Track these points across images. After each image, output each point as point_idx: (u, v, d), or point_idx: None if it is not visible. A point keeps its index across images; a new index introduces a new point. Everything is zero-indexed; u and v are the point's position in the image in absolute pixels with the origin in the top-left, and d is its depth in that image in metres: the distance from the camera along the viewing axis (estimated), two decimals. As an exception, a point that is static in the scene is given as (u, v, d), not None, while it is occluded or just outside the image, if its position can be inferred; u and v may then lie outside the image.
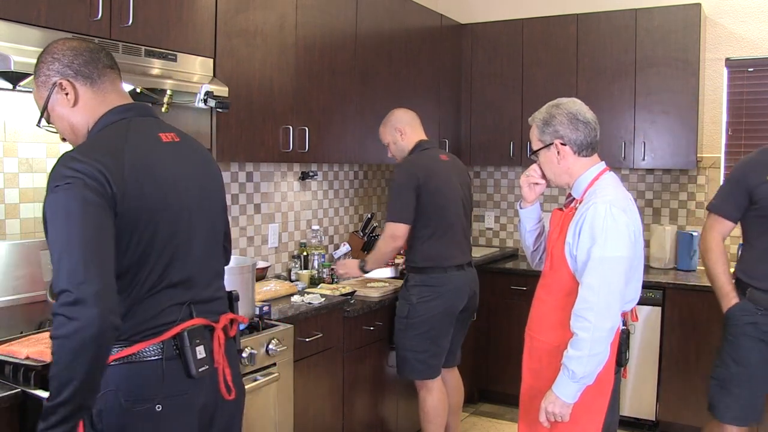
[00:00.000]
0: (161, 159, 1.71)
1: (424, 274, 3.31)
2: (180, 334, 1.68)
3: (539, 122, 2.36)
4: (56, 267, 1.48)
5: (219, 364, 1.78)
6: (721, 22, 4.33)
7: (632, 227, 2.20)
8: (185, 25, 2.67)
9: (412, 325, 3.30)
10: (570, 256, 2.24)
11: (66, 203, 1.50)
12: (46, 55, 1.73)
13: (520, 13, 4.76)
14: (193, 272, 1.75)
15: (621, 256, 2.14)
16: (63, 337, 1.45)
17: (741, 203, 2.87)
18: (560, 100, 2.37)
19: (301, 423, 2.90)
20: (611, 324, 2.13)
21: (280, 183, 3.82)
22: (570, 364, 2.13)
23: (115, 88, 1.76)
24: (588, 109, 2.36)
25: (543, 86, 4.51)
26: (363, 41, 3.76)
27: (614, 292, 2.14)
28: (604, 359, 2.15)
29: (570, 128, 2.30)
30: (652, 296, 3.99)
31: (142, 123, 1.75)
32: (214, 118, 2.84)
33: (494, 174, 5.18)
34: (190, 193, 1.76)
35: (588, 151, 2.34)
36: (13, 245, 2.39)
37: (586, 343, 2.10)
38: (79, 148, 1.64)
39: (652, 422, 4.08)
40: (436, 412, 3.36)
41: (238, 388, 1.86)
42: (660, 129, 4.23)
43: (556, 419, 2.19)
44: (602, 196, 2.22)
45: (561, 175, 2.37)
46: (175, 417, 1.67)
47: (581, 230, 2.18)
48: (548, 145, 2.34)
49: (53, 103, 1.72)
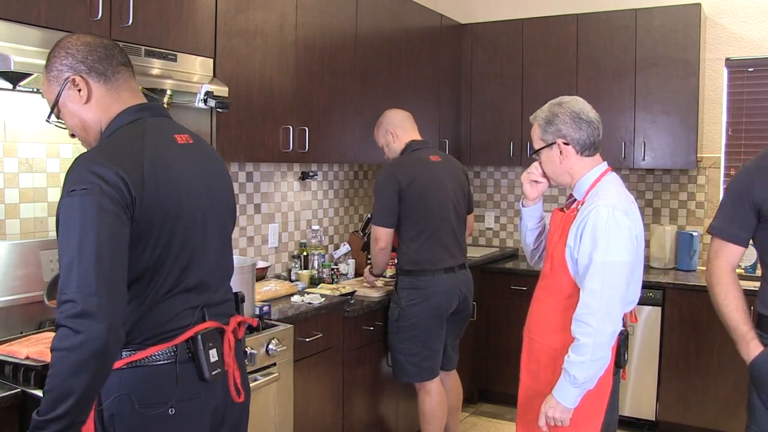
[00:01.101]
0: (177, 161, 1.69)
1: (413, 277, 3.29)
2: (194, 338, 1.66)
3: (541, 121, 2.32)
4: (65, 274, 1.44)
5: (229, 366, 1.76)
6: (721, 22, 4.33)
7: (634, 231, 2.17)
8: (185, 25, 2.67)
9: (403, 329, 3.29)
10: (571, 259, 2.22)
11: (81, 210, 1.46)
12: (59, 50, 1.68)
13: (520, 13, 4.76)
14: (207, 275, 1.73)
15: (623, 260, 2.12)
16: (66, 350, 1.40)
17: (748, 222, 2.31)
18: (563, 99, 2.34)
19: (301, 423, 2.90)
20: (613, 329, 2.11)
21: (280, 183, 3.82)
22: (571, 369, 2.11)
23: (129, 86, 1.73)
24: (591, 108, 2.33)
25: (543, 86, 4.51)
26: (363, 41, 3.76)
27: (616, 297, 2.11)
28: (605, 364, 2.14)
29: (573, 127, 2.27)
30: (652, 296, 3.99)
31: (157, 124, 1.72)
32: (214, 118, 2.84)
33: (494, 174, 5.18)
34: (204, 196, 1.74)
35: (591, 151, 2.31)
36: (13, 245, 2.39)
37: (588, 348, 2.09)
38: (98, 150, 1.61)
39: (652, 422, 4.08)
40: (434, 413, 3.35)
41: (246, 390, 1.85)
42: (660, 129, 4.23)
43: (557, 424, 2.18)
44: (605, 198, 2.18)
45: (562, 175, 2.34)
46: (187, 420, 1.66)
47: (583, 234, 2.16)
48: (550, 144, 2.30)
49: (65, 99, 1.68)
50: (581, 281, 2.17)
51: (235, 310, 1.88)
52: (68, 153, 2.65)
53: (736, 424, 3.81)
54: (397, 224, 3.30)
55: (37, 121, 2.54)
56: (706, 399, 3.90)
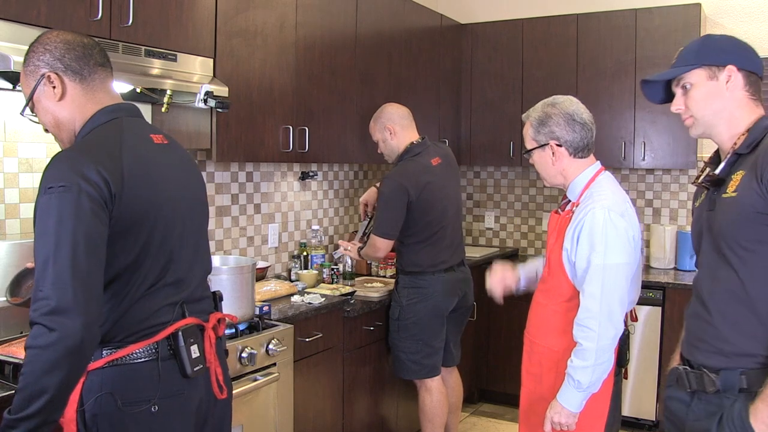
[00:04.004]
0: (155, 160, 1.70)
1: (413, 276, 3.30)
2: (174, 334, 1.67)
3: (534, 121, 2.30)
4: (41, 272, 1.43)
5: (211, 363, 1.77)
6: (721, 22, 4.33)
7: (631, 232, 2.16)
8: (185, 25, 2.67)
9: (404, 327, 3.29)
10: (568, 263, 2.20)
11: (59, 208, 1.46)
12: (37, 45, 1.69)
13: (520, 13, 4.76)
14: (185, 273, 1.74)
15: (622, 263, 2.11)
16: (40, 348, 1.40)
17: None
18: (556, 98, 2.31)
19: (301, 423, 2.90)
20: (615, 332, 2.11)
21: (280, 183, 3.82)
22: (575, 374, 2.11)
23: (104, 86, 1.73)
24: (585, 108, 2.31)
25: (543, 86, 4.50)
26: (363, 41, 3.75)
27: (616, 300, 2.10)
28: (609, 366, 2.14)
29: (566, 129, 2.25)
30: (652, 296, 3.99)
31: (133, 123, 1.73)
32: (214, 118, 2.84)
33: (494, 174, 5.17)
34: (180, 195, 1.76)
35: (584, 153, 2.28)
36: (13, 245, 2.38)
37: (591, 353, 2.08)
38: (77, 148, 1.62)
39: (652, 422, 4.07)
40: (435, 411, 3.36)
41: (228, 387, 1.86)
42: (660, 129, 4.23)
43: (562, 428, 2.17)
44: (600, 200, 2.17)
45: (555, 176, 2.32)
46: (171, 417, 1.66)
47: (580, 237, 2.14)
48: (543, 145, 2.28)
49: (39, 95, 1.69)
50: (580, 285, 2.16)
51: (213, 307, 1.89)
52: (68, 153, 2.65)
53: (736, 424, 3.81)
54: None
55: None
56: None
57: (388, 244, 3.24)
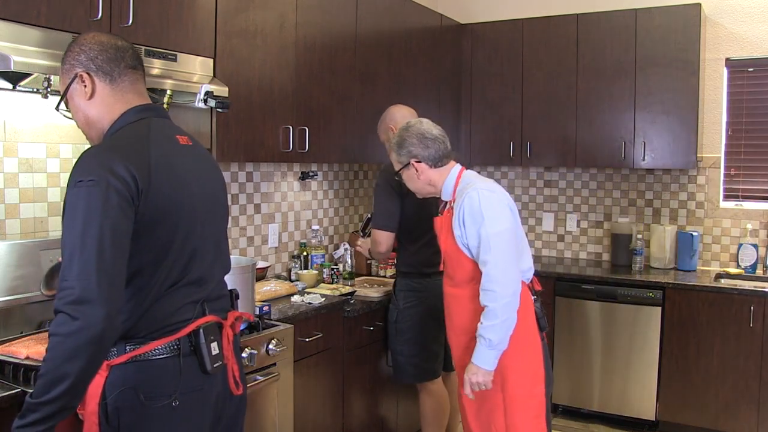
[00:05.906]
0: (180, 160, 1.75)
1: (409, 279, 3.29)
2: (196, 331, 1.71)
3: (395, 146, 2.65)
4: (67, 262, 1.48)
5: (228, 360, 1.82)
6: (721, 22, 4.33)
7: (505, 201, 2.48)
8: (185, 25, 2.67)
9: (401, 330, 3.28)
10: (463, 246, 2.47)
11: (87, 201, 1.51)
12: (74, 45, 1.77)
13: (520, 13, 4.76)
14: (206, 271, 1.79)
15: (505, 228, 2.41)
16: (63, 335, 1.44)
17: None
18: (409, 122, 2.69)
19: (301, 423, 2.90)
20: (513, 289, 2.38)
21: (280, 183, 3.82)
22: (486, 333, 2.36)
23: (134, 88, 1.79)
24: (435, 125, 2.66)
25: (543, 86, 4.50)
26: (363, 41, 3.76)
27: (509, 261, 2.39)
28: (513, 323, 2.39)
29: (421, 147, 2.60)
30: (652, 296, 3.99)
31: (161, 124, 1.78)
32: (214, 118, 2.84)
33: (494, 174, 5.17)
34: (204, 194, 1.81)
35: (442, 162, 2.62)
36: (13, 245, 2.38)
37: (497, 311, 2.35)
38: (106, 145, 1.67)
39: (652, 422, 4.08)
40: (435, 414, 3.35)
41: (243, 383, 1.91)
42: (660, 129, 4.23)
43: (480, 388, 2.42)
44: (471, 187, 2.47)
45: (424, 187, 2.67)
46: (190, 412, 1.71)
47: (464, 219, 2.43)
48: (406, 165, 2.63)
49: (72, 92, 1.76)
50: (479, 258, 2.42)
51: (231, 305, 1.94)
52: (68, 153, 2.65)
53: (736, 424, 3.81)
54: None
55: (38, 121, 2.54)
56: (706, 399, 3.90)
57: (386, 236, 3.23)
